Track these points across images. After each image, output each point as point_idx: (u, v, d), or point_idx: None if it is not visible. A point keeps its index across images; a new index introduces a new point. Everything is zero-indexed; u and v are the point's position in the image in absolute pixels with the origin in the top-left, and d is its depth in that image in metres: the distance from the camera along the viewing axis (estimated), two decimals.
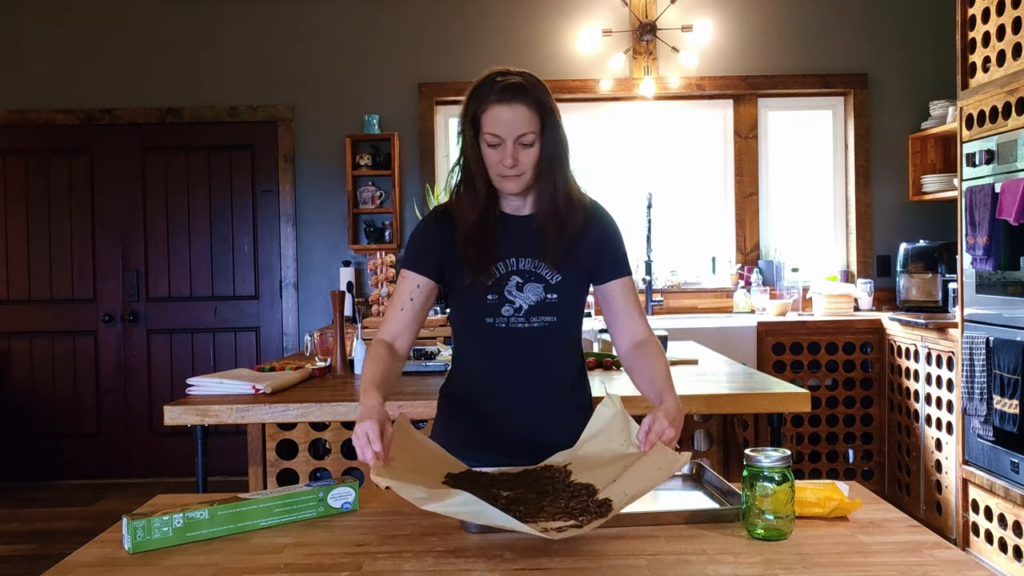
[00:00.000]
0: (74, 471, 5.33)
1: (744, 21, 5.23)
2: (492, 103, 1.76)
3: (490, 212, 1.84)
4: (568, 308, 1.86)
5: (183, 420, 2.39)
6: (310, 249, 5.32)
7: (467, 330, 1.90)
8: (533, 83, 1.80)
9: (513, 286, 1.83)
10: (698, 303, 5.23)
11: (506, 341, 1.84)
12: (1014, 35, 3.34)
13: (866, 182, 5.23)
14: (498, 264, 1.83)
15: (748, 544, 1.40)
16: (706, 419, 2.76)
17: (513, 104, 1.75)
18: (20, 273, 5.33)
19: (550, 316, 1.84)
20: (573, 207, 1.83)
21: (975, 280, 3.61)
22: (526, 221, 1.85)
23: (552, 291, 1.84)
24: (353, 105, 5.23)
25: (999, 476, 3.44)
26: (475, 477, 1.58)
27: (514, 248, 1.84)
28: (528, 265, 1.84)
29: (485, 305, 1.83)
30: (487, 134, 1.76)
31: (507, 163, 1.75)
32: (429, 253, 1.86)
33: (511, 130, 1.75)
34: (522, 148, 1.76)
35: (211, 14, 5.26)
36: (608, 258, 1.88)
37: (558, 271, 1.84)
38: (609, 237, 1.89)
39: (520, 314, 1.84)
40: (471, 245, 1.81)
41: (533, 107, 1.76)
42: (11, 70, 5.28)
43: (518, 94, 1.76)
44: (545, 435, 1.81)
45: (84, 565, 1.36)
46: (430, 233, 1.88)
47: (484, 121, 1.76)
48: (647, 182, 5.27)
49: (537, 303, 1.84)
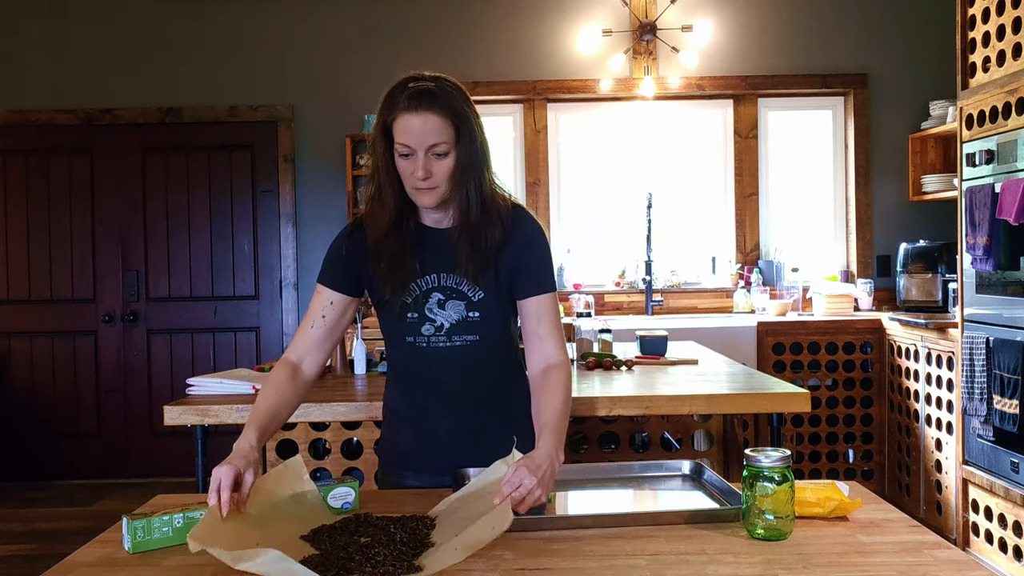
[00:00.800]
0: (74, 471, 5.33)
1: (744, 21, 5.23)
2: (401, 111, 1.65)
3: (404, 225, 1.74)
4: (492, 325, 1.78)
5: (183, 420, 2.39)
6: (310, 249, 5.32)
7: (391, 345, 1.85)
8: (447, 88, 1.68)
9: (435, 303, 1.76)
10: (698, 303, 5.23)
11: (427, 360, 1.78)
12: (1014, 35, 3.34)
13: (866, 182, 5.23)
14: (419, 280, 1.76)
15: (748, 544, 1.40)
16: (706, 419, 2.76)
17: (422, 112, 1.64)
18: (20, 273, 5.33)
19: (472, 335, 1.77)
20: (490, 220, 1.72)
21: (975, 280, 3.61)
22: (447, 234, 1.76)
23: (474, 308, 1.76)
24: (353, 105, 5.22)
25: (999, 476, 3.44)
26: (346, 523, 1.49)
27: (435, 263, 1.76)
28: (450, 281, 1.76)
29: (405, 323, 1.77)
30: (398, 144, 1.66)
31: (419, 174, 1.65)
32: (343, 267, 1.79)
33: (421, 140, 1.64)
34: (435, 159, 1.66)
35: (211, 14, 5.26)
36: (524, 273, 1.77)
37: (480, 287, 1.75)
38: (529, 249, 1.78)
39: (441, 333, 1.77)
40: (383, 260, 1.73)
41: (446, 115, 1.65)
42: (11, 70, 5.28)
43: (428, 101, 1.64)
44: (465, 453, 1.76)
45: (84, 565, 1.36)
46: (345, 246, 1.80)
47: (395, 130, 1.66)
48: (647, 182, 5.27)
49: (458, 321, 1.76)
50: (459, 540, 1.31)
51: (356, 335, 3.00)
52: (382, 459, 1.94)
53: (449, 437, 1.81)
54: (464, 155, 1.68)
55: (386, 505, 1.62)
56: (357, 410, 2.39)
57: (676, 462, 1.81)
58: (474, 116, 1.71)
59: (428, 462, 1.82)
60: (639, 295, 5.19)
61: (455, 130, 1.66)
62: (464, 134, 1.68)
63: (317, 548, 1.36)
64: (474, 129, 1.70)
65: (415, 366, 1.81)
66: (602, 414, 2.35)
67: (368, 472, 2.75)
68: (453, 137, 1.66)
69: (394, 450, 1.89)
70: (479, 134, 1.71)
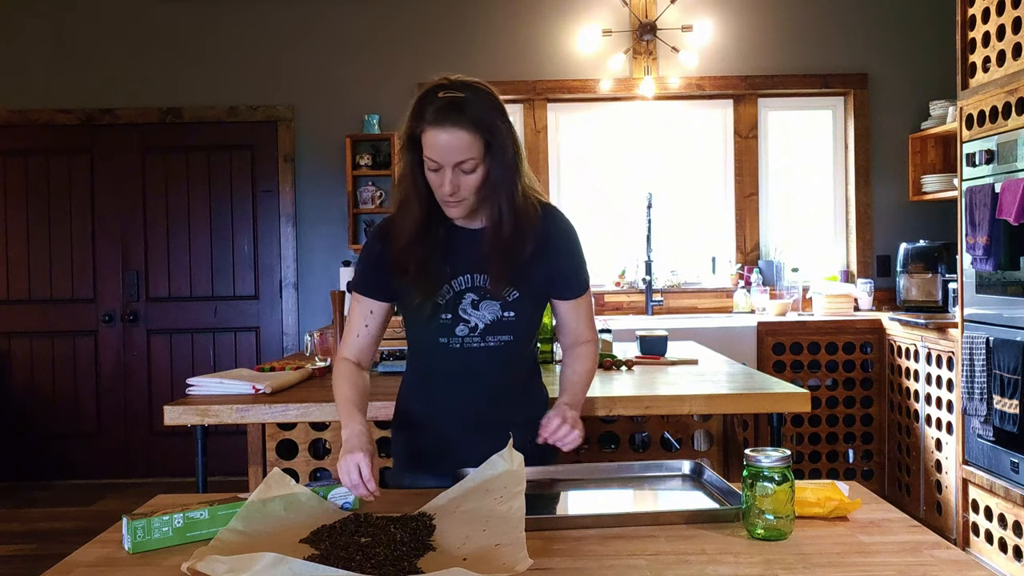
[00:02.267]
0: (74, 471, 5.33)
1: (744, 21, 5.23)
2: (428, 124, 1.61)
3: (433, 230, 1.74)
4: (524, 325, 1.80)
5: (183, 420, 2.39)
6: (310, 249, 5.32)
7: (421, 348, 1.85)
8: (478, 99, 1.64)
9: (468, 304, 1.76)
10: (698, 303, 5.23)
11: (464, 361, 1.78)
12: (1014, 35, 3.34)
13: (866, 182, 5.23)
14: (451, 282, 1.76)
15: (748, 544, 1.40)
16: (706, 419, 2.76)
17: (449, 128, 1.60)
18: (20, 273, 5.34)
19: (506, 335, 1.78)
20: (521, 231, 1.71)
21: (975, 280, 3.61)
22: (479, 235, 1.75)
23: (509, 308, 1.77)
24: (353, 105, 5.23)
25: (999, 476, 3.44)
26: (345, 523, 1.48)
27: (467, 264, 1.75)
28: (483, 282, 1.76)
29: (439, 325, 1.77)
30: (426, 157, 1.64)
31: (445, 189, 1.64)
32: (378, 274, 1.80)
33: (448, 156, 1.61)
34: (463, 174, 1.64)
35: (211, 14, 5.26)
36: (561, 276, 1.82)
37: (515, 288, 1.76)
38: (564, 253, 1.81)
39: (475, 333, 1.77)
40: (410, 266, 1.73)
41: (474, 130, 1.61)
42: (11, 70, 5.28)
43: (455, 116, 1.60)
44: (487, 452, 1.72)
45: (84, 565, 1.36)
46: (377, 253, 1.80)
47: (423, 143, 1.64)
48: (647, 182, 5.27)
49: (493, 322, 1.77)
50: (470, 562, 1.29)
51: None
52: (398, 461, 1.94)
53: (473, 437, 1.78)
54: (494, 169, 1.65)
55: (386, 505, 1.62)
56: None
57: (676, 462, 1.81)
58: (505, 126, 1.67)
59: (450, 463, 1.77)
60: (639, 295, 5.19)
61: (484, 144, 1.63)
62: (494, 147, 1.64)
63: (317, 549, 1.36)
64: (505, 141, 1.66)
65: (447, 367, 1.81)
66: (602, 414, 2.35)
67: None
68: (482, 152, 1.63)
69: (413, 452, 1.89)
70: (510, 144, 1.67)
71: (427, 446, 1.86)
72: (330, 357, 2.99)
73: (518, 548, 1.32)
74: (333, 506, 1.59)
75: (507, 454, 1.57)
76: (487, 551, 1.33)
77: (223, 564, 1.26)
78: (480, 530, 1.39)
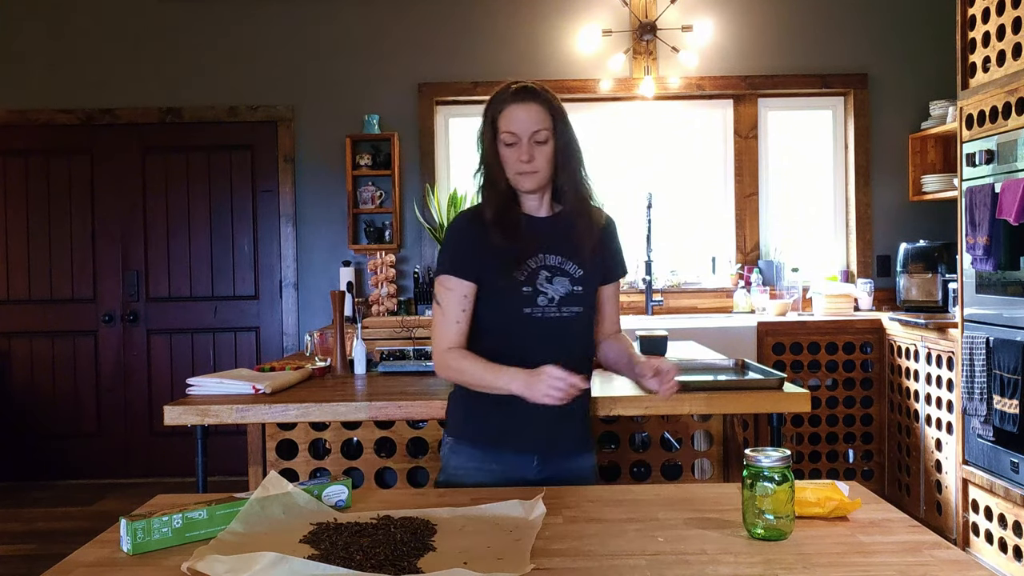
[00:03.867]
0: (74, 471, 5.33)
1: (744, 21, 5.23)
2: (508, 103, 1.90)
3: (513, 209, 1.96)
4: (590, 299, 2.01)
5: (183, 420, 2.39)
6: (310, 249, 5.32)
7: (503, 324, 1.95)
8: (544, 89, 1.95)
9: (543, 279, 1.94)
10: (698, 303, 5.23)
11: (544, 329, 1.94)
12: (1014, 35, 3.34)
13: (866, 182, 5.23)
14: (528, 260, 1.94)
15: (748, 544, 1.40)
16: (706, 419, 2.76)
17: (527, 103, 1.89)
18: (20, 273, 5.34)
19: (577, 306, 1.97)
20: (585, 204, 1.98)
21: (975, 280, 3.61)
22: (545, 222, 1.99)
23: (577, 283, 1.96)
24: (353, 105, 5.23)
25: (999, 476, 3.44)
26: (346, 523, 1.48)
27: (539, 245, 1.95)
28: (553, 261, 1.95)
29: (522, 296, 1.92)
30: (504, 133, 1.89)
31: (523, 158, 1.88)
32: (470, 256, 1.94)
33: (526, 127, 1.88)
34: (537, 145, 1.89)
35: (211, 14, 5.26)
36: (614, 259, 2.08)
37: (580, 267, 1.97)
38: (613, 237, 2.08)
39: (553, 304, 1.94)
40: (505, 236, 1.91)
41: (545, 106, 1.90)
42: (11, 70, 5.28)
43: (531, 95, 1.90)
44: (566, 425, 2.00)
45: (84, 565, 1.36)
46: (466, 235, 1.97)
47: (501, 122, 1.90)
48: (647, 182, 5.27)
49: (566, 295, 1.95)
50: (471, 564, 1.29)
51: (356, 335, 3.00)
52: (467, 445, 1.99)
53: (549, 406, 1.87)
54: (561, 143, 1.93)
55: (384, 505, 1.63)
56: (357, 410, 2.39)
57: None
58: (566, 115, 1.96)
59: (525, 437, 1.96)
60: (639, 295, 5.19)
61: (553, 121, 1.91)
62: (561, 125, 1.93)
63: (317, 549, 1.36)
64: (568, 124, 1.95)
65: (526, 337, 1.94)
66: (602, 414, 2.35)
67: (368, 472, 2.75)
68: (551, 126, 1.91)
69: (488, 432, 1.98)
70: (572, 130, 1.96)
71: (503, 423, 1.96)
72: (330, 357, 2.98)
73: (521, 557, 1.33)
74: (331, 509, 1.59)
75: (529, 505, 1.57)
76: (488, 559, 1.33)
77: (223, 564, 1.27)
78: (484, 546, 1.39)
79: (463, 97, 5.20)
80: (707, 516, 1.55)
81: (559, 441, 1.99)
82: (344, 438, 2.76)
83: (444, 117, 5.35)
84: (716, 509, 1.59)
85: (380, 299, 5.02)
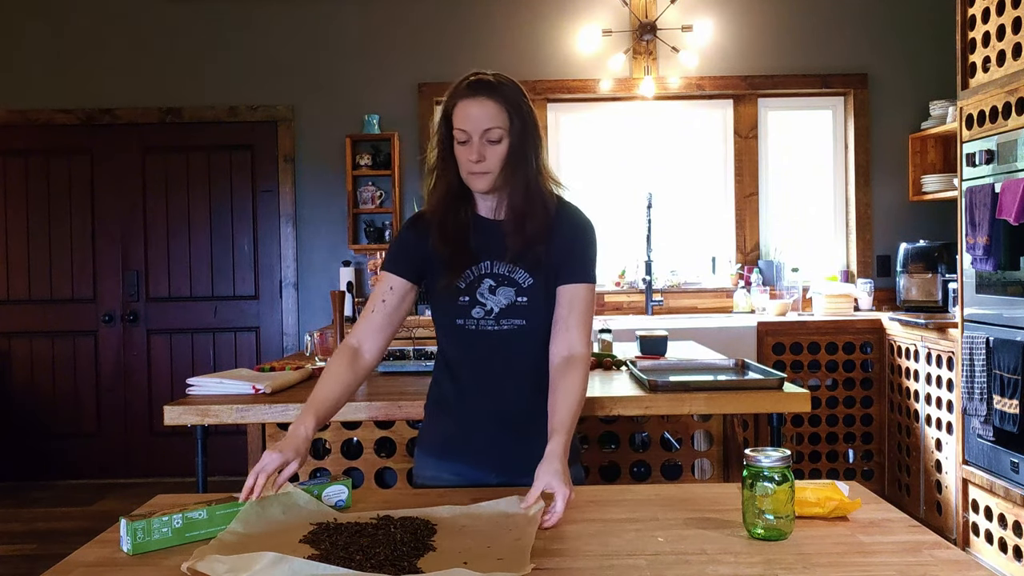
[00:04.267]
0: (74, 471, 5.33)
1: (744, 21, 5.23)
2: (460, 97, 1.76)
3: (462, 212, 1.83)
4: (538, 311, 1.83)
5: (183, 420, 2.39)
6: (310, 249, 5.32)
7: (441, 331, 1.91)
8: (506, 82, 1.79)
9: (486, 289, 1.83)
10: (698, 303, 5.23)
11: (476, 342, 1.84)
12: (1014, 35, 3.34)
13: (866, 182, 5.23)
14: (472, 267, 1.83)
15: (748, 544, 1.40)
16: (706, 419, 2.76)
17: (480, 99, 1.75)
18: (20, 273, 5.34)
19: (519, 319, 1.83)
20: (536, 208, 1.80)
21: (975, 280, 3.61)
22: (497, 225, 1.83)
23: (523, 294, 1.82)
24: (353, 105, 5.23)
25: (999, 476, 3.44)
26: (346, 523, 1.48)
27: (488, 251, 1.83)
28: (501, 269, 1.83)
29: (456, 306, 1.84)
30: (456, 129, 1.76)
31: (472, 158, 1.74)
32: (406, 254, 1.87)
33: (477, 124, 1.74)
34: (489, 145, 1.75)
35: (211, 14, 5.26)
36: (568, 261, 1.83)
37: (530, 275, 1.82)
38: (574, 240, 1.85)
39: (490, 317, 1.83)
40: (444, 241, 1.81)
41: (501, 103, 1.75)
42: (11, 70, 5.28)
43: (486, 90, 1.75)
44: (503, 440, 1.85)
45: (84, 565, 1.36)
46: (408, 235, 1.88)
47: (454, 117, 1.77)
48: (647, 182, 5.27)
49: (507, 306, 1.82)
50: (471, 564, 1.29)
51: None
52: (421, 452, 1.97)
53: (491, 421, 1.85)
54: (516, 143, 1.77)
55: (384, 505, 1.62)
56: (357, 410, 2.39)
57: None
58: (528, 110, 1.79)
59: (472, 450, 1.86)
60: (639, 295, 5.19)
61: (509, 118, 1.75)
62: (517, 123, 1.76)
63: (317, 549, 1.36)
64: (527, 121, 1.78)
65: (463, 349, 1.87)
66: (602, 414, 2.35)
67: (368, 472, 2.75)
68: (507, 124, 1.75)
69: (435, 440, 1.93)
70: (532, 128, 1.80)
71: (449, 431, 1.90)
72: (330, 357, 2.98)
73: (521, 557, 1.33)
74: (331, 509, 1.59)
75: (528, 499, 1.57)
76: (488, 558, 1.33)
77: (223, 564, 1.27)
78: (484, 546, 1.39)
79: None
80: (707, 516, 1.55)
81: (513, 460, 1.82)
82: (344, 438, 2.76)
83: None
84: (716, 509, 1.59)
85: None
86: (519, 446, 1.81)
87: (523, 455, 1.73)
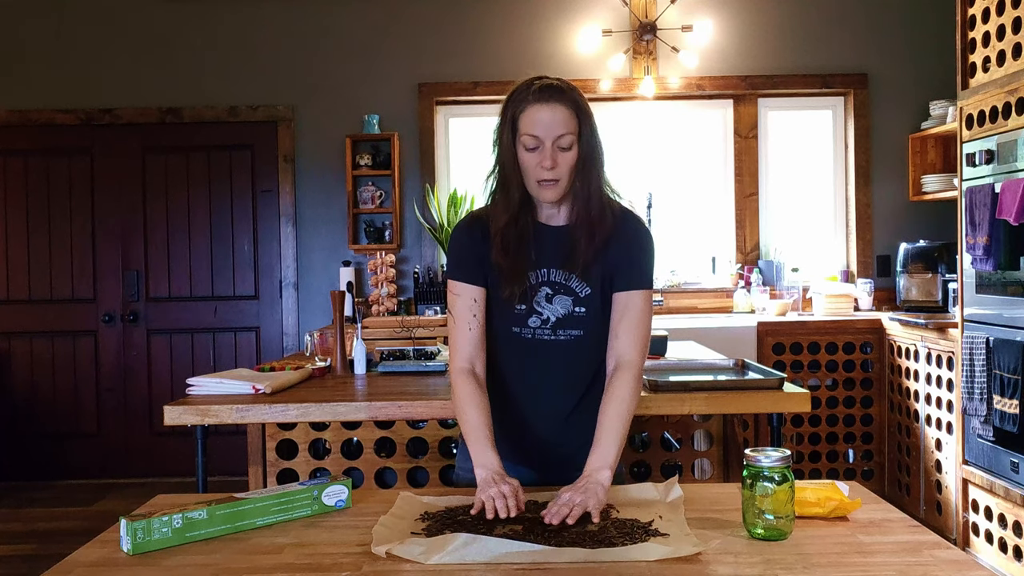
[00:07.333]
0: (74, 471, 5.33)
1: (744, 21, 5.23)
2: (530, 103, 1.72)
3: (523, 220, 1.78)
4: (595, 321, 1.82)
5: (183, 420, 2.39)
6: (310, 249, 5.32)
7: (495, 337, 1.86)
8: (570, 87, 1.78)
9: (543, 297, 1.79)
10: (698, 303, 5.23)
11: (531, 352, 1.81)
12: (1014, 35, 3.34)
13: (866, 182, 5.23)
14: (531, 273, 1.79)
15: (748, 544, 1.40)
16: (706, 419, 2.76)
17: (552, 104, 1.71)
18: (20, 273, 5.34)
19: (576, 330, 1.80)
20: (604, 215, 1.78)
21: (975, 280, 3.61)
22: (560, 232, 1.80)
23: (581, 304, 1.80)
24: (353, 105, 5.23)
25: (999, 476, 3.44)
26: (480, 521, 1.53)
27: (547, 259, 1.80)
28: (559, 277, 1.80)
29: (513, 315, 1.80)
30: (525, 135, 1.71)
31: (546, 164, 1.70)
32: (473, 260, 1.81)
33: (549, 131, 1.70)
34: (560, 151, 1.71)
35: (211, 14, 5.26)
36: (626, 267, 1.81)
37: (587, 284, 1.80)
38: (631, 247, 1.83)
39: (547, 326, 1.80)
40: (505, 252, 1.76)
41: (571, 108, 1.72)
42: (11, 70, 5.28)
43: (556, 95, 1.72)
44: (562, 443, 1.84)
45: (84, 565, 1.36)
46: (467, 240, 1.83)
47: (522, 122, 1.72)
48: (647, 182, 5.27)
49: (564, 316, 1.80)
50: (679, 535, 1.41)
51: (356, 335, 3.00)
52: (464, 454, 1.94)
53: (539, 427, 1.85)
54: (586, 150, 1.75)
55: (383, 505, 1.62)
56: (357, 410, 2.39)
57: None
58: (592, 115, 1.77)
59: (523, 457, 1.85)
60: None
61: (579, 124, 1.73)
62: (586, 129, 1.74)
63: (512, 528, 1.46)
64: (594, 127, 1.77)
65: (518, 357, 1.83)
66: None
67: (368, 472, 2.75)
68: (576, 130, 1.73)
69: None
70: (596, 132, 1.78)
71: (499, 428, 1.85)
72: (330, 357, 2.98)
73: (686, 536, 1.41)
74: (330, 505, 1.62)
75: (663, 488, 1.63)
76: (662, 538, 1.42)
77: (420, 547, 1.34)
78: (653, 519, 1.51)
79: (463, 97, 5.19)
80: (707, 516, 1.55)
81: (552, 463, 1.85)
82: (344, 438, 2.76)
83: (444, 117, 5.35)
84: (716, 509, 1.59)
85: (380, 299, 5.02)
86: (568, 454, 1.80)
87: (572, 465, 1.71)
